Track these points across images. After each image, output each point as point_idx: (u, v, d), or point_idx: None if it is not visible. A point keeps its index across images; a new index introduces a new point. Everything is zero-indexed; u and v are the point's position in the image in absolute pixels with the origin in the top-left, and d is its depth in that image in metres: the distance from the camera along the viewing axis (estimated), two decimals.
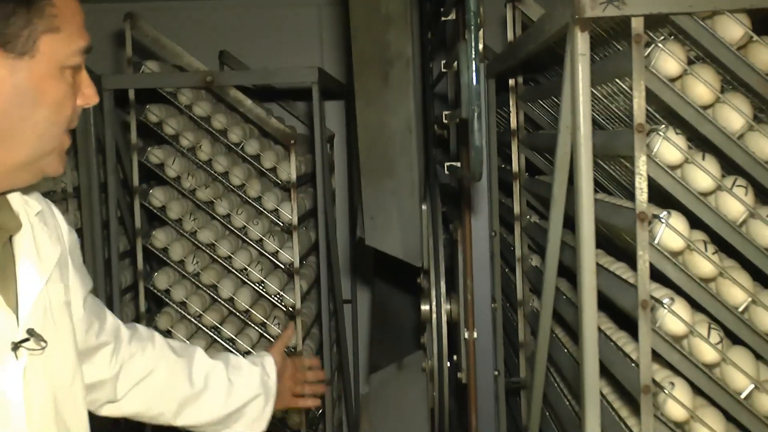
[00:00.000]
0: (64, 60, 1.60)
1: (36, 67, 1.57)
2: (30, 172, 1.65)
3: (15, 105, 1.56)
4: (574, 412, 2.74)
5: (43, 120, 1.60)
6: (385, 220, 3.54)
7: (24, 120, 1.58)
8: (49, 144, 1.64)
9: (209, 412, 2.28)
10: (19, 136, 1.58)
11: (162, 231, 4.25)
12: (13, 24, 1.53)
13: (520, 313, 3.72)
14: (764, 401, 1.96)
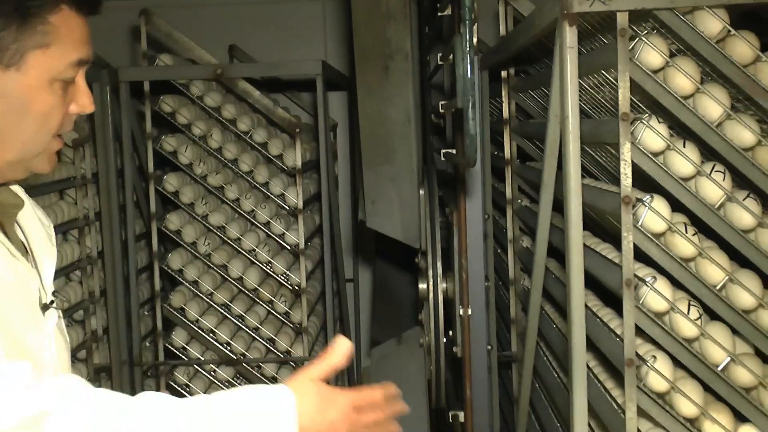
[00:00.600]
0: (53, 74, 1.59)
1: (23, 80, 1.57)
2: (18, 170, 1.66)
3: (3, 113, 1.57)
4: (562, 383, 2.74)
5: (29, 128, 1.60)
6: (386, 204, 3.54)
7: (11, 126, 1.58)
8: (35, 148, 1.63)
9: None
10: (6, 140, 1.59)
11: (175, 214, 4.26)
12: (1, 38, 1.53)
13: (511, 291, 3.73)
14: (740, 373, 1.97)
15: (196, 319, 4.21)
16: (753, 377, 1.96)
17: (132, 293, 4.14)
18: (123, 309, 4.08)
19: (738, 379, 1.97)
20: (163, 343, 4.22)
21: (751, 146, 1.98)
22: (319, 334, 4.52)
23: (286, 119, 4.29)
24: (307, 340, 4.21)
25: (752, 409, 1.97)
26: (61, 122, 1.65)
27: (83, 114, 1.69)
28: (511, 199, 3.69)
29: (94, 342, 3.91)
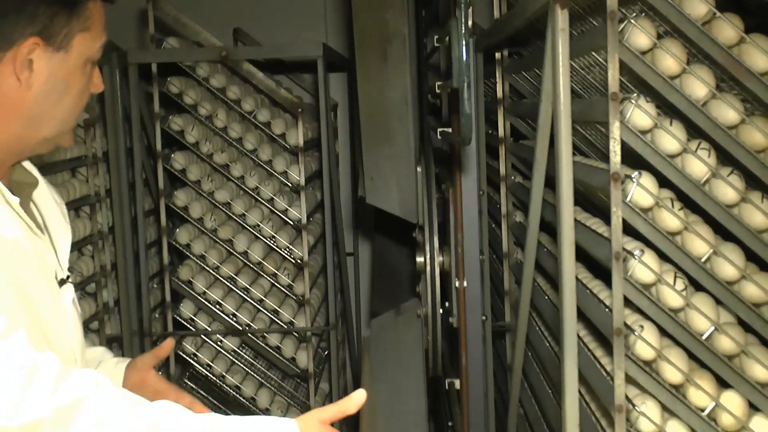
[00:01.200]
0: (90, 55, 1.67)
1: (69, 61, 1.64)
2: (48, 145, 1.72)
3: (48, 92, 1.64)
4: (554, 352, 2.75)
5: (68, 105, 1.68)
6: (384, 181, 3.54)
7: (54, 105, 1.65)
8: (68, 124, 1.71)
9: None
10: (47, 118, 1.66)
11: (183, 191, 4.25)
12: (56, 23, 1.60)
13: (505, 264, 3.73)
14: (723, 342, 1.97)
15: (203, 291, 4.22)
16: (735, 345, 1.97)
17: (142, 267, 4.15)
18: (133, 282, 4.09)
19: (721, 347, 1.98)
20: (171, 314, 4.23)
21: (735, 125, 1.98)
22: (321, 306, 4.53)
23: (288, 100, 4.28)
24: (309, 312, 4.22)
25: (734, 375, 1.98)
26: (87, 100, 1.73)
27: (95, 93, 1.76)
28: (504, 176, 3.69)
29: (106, 313, 3.92)
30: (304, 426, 1.56)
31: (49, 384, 1.42)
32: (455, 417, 3.37)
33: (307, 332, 4.22)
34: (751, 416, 1.97)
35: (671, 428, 1.97)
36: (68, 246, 1.78)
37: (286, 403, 4.33)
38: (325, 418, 1.60)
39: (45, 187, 1.82)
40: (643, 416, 1.97)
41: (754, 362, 1.96)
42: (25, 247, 1.62)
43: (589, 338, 2.41)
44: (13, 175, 1.74)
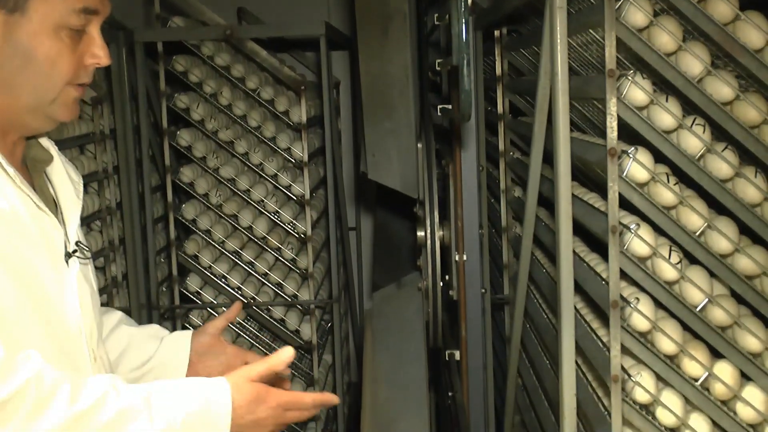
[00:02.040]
0: (57, 20, 1.57)
1: (27, 25, 1.56)
2: (38, 118, 1.64)
3: (9, 56, 1.56)
4: (551, 323, 2.76)
5: (36, 73, 1.59)
6: (386, 157, 3.53)
7: (18, 71, 1.57)
8: (46, 95, 1.61)
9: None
10: (17, 85, 1.58)
11: (188, 167, 4.25)
12: None
13: (504, 238, 3.73)
14: (717, 313, 1.97)
15: (209, 265, 4.22)
16: (728, 317, 1.97)
17: (149, 242, 4.15)
18: (141, 256, 4.09)
19: (715, 319, 1.98)
20: (178, 288, 4.24)
21: (730, 101, 1.97)
22: (324, 279, 4.53)
23: (291, 77, 4.27)
24: (313, 285, 4.23)
25: (727, 346, 1.98)
26: (75, 71, 1.62)
27: (100, 66, 1.66)
28: (503, 152, 3.68)
29: (115, 287, 3.93)
30: (234, 383, 1.56)
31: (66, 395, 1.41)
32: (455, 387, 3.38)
33: (311, 305, 4.22)
34: (743, 386, 1.98)
35: (665, 398, 1.98)
36: (76, 220, 1.76)
37: (290, 374, 4.34)
38: (254, 375, 1.59)
39: (60, 164, 1.80)
40: (639, 386, 1.98)
41: (747, 333, 1.96)
42: (25, 221, 1.60)
43: (585, 310, 2.42)
44: (30, 150, 1.73)
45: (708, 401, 1.97)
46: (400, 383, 3.08)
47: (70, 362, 1.66)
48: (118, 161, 3.99)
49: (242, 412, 1.56)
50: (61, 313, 1.66)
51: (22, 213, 1.60)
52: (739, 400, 1.96)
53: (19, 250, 1.58)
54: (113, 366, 1.94)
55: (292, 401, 1.63)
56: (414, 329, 3.44)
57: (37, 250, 1.62)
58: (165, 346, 2.00)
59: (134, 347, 2.00)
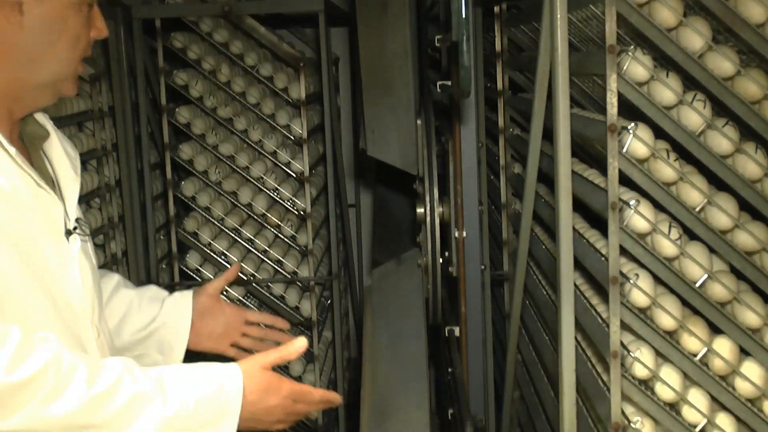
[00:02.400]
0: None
1: (59, 1, 1.61)
2: (49, 92, 1.68)
3: (41, 32, 1.61)
4: (551, 299, 2.76)
5: (63, 47, 1.64)
6: (385, 134, 3.52)
7: (49, 46, 1.62)
8: (66, 69, 1.67)
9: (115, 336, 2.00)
10: (42, 60, 1.63)
11: (187, 145, 4.24)
12: None
13: (504, 214, 3.73)
14: (716, 289, 1.98)
15: (208, 242, 4.22)
16: (728, 293, 1.97)
17: (148, 219, 4.15)
18: (140, 233, 4.09)
19: (714, 295, 1.98)
20: (178, 265, 4.24)
21: (731, 76, 1.96)
22: (324, 256, 4.54)
23: (290, 54, 4.25)
24: (313, 262, 4.23)
25: (726, 322, 1.98)
26: (89, 45, 1.69)
27: (99, 39, 1.72)
28: (503, 128, 3.68)
29: (114, 264, 3.93)
30: (247, 371, 1.60)
31: (7, 356, 1.41)
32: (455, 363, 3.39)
33: (311, 282, 4.23)
34: (742, 361, 1.98)
35: (665, 373, 1.98)
36: (75, 197, 1.76)
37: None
38: (267, 363, 1.63)
39: (57, 140, 1.80)
40: (638, 362, 1.98)
41: (746, 309, 1.97)
42: (25, 198, 1.61)
43: (585, 286, 2.42)
44: (26, 127, 1.73)
45: (707, 376, 1.98)
46: (400, 359, 3.08)
47: (74, 338, 1.67)
48: (116, 138, 3.98)
49: (253, 399, 1.59)
50: (65, 289, 1.67)
51: (23, 191, 1.61)
52: (738, 376, 1.97)
53: (22, 228, 1.59)
54: (116, 329, 1.98)
55: (302, 393, 1.67)
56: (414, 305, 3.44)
57: (39, 227, 1.63)
58: (167, 308, 2.04)
59: (136, 310, 2.03)
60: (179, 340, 2.04)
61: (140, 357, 2.02)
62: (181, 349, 2.04)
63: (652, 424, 2.01)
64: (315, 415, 4.25)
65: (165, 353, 2.03)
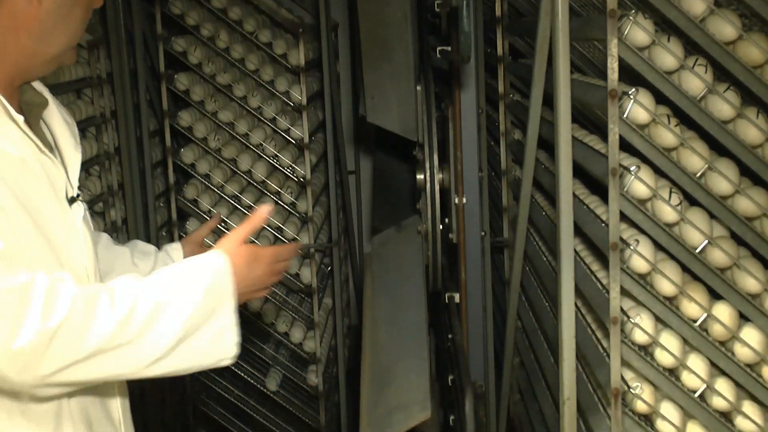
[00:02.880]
0: None
1: None
2: (55, 62, 1.71)
3: (59, 6, 1.63)
4: (551, 266, 2.76)
5: (76, 18, 1.68)
6: (384, 100, 3.50)
7: (64, 18, 1.65)
8: (75, 39, 1.71)
9: None
10: (58, 32, 1.65)
11: (186, 112, 4.23)
12: None
13: (504, 180, 3.72)
14: (716, 255, 1.98)
15: (208, 210, 4.22)
16: (728, 258, 1.97)
17: (148, 186, 4.14)
18: (140, 201, 4.09)
19: (714, 261, 1.98)
20: (178, 232, 4.24)
21: (733, 40, 1.95)
22: (324, 223, 4.53)
23: (289, 20, 4.22)
24: (312, 229, 4.23)
25: (726, 287, 1.99)
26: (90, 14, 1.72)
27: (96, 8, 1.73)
28: (503, 94, 3.66)
29: (114, 232, 3.93)
30: (229, 250, 1.69)
31: (40, 305, 1.47)
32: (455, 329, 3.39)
33: (311, 249, 4.23)
34: (741, 326, 1.99)
35: (664, 339, 1.99)
36: (78, 165, 1.77)
37: (291, 318, 4.37)
38: (242, 237, 1.73)
39: (55, 108, 1.81)
40: (638, 327, 1.99)
41: (746, 274, 1.97)
42: (32, 165, 1.62)
43: (585, 253, 2.42)
44: (24, 95, 1.73)
45: (706, 342, 1.99)
46: (400, 326, 3.09)
47: None
48: (115, 106, 3.96)
49: (243, 274, 1.69)
50: (69, 255, 1.69)
51: (29, 159, 1.62)
52: (738, 341, 1.97)
53: (29, 194, 1.60)
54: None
55: (280, 252, 1.81)
56: (414, 272, 3.45)
57: (45, 193, 1.64)
58: (160, 263, 2.11)
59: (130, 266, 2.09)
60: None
61: None
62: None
63: (652, 389, 2.01)
64: (316, 381, 4.27)
65: None
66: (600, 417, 2.13)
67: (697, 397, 1.98)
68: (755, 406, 1.99)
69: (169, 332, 1.57)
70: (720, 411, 1.99)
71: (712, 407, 1.98)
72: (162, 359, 1.58)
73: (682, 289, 1.98)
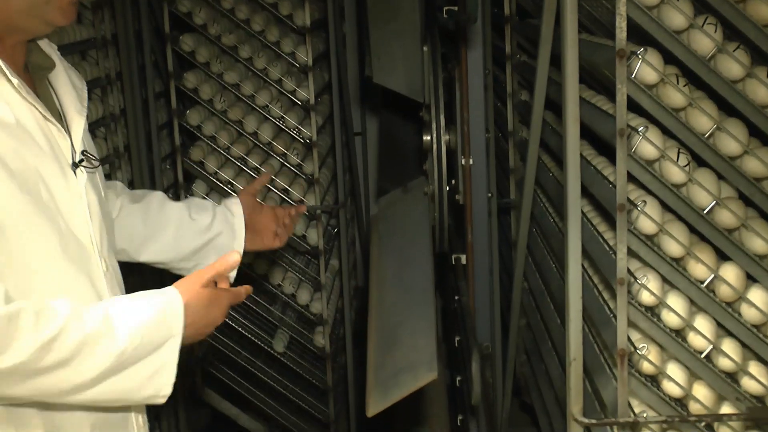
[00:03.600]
0: None
1: None
2: (34, 20, 1.64)
3: None
4: (558, 227, 2.76)
5: None
6: (391, 60, 3.48)
7: None
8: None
9: (171, 249, 2.17)
10: None
11: (192, 73, 4.21)
12: None
13: (510, 141, 3.71)
14: (724, 216, 1.97)
15: (214, 171, 4.21)
16: (736, 219, 1.96)
17: (154, 148, 4.14)
18: (146, 163, 4.08)
19: (722, 221, 1.97)
20: (185, 194, 4.24)
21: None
22: (330, 185, 4.53)
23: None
24: (319, 190, 4.22)
25: (734, 248, 1.98)
26: None
27: None
28: (510, 55, 3.63)
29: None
30: (188, 290, 1.65)
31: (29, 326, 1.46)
32: (461, 291, 3.40)
33: (317, 210, 4.23)
34: (748, 287, 1.98)
35: (671, 300, 1.99)
36: (80, 130, 1.75)
37: (298, 279, 4.38)
38: (205, 281, 1.69)
39: (63, 70, 1.78)
40: (644, 288, 1.99)
41: (754, 235, 1.96)
42: (31, 131, 1.59)
43: (592, 214, 2.41)
44: (31, 56, 1.71)
45: (713, 303, 1.98)
46: (407, 287, 3.10)
47: (83, 272, 1.68)
48: (120, 67, 3.94)
49: (196, 317, 1.65)
50: (72, 222, 1.67)
51: (29, 124, 1.59)
52: (744, 302, 1.97)
53: (27, 162, 1.58)
54: (173, 241, 2.14)
55: (238, 295, 1.79)
56: (420, 234, 3.45)
57: (45, 160, 1.62)
58: (220, 216, 2.21)
59: (188, 221, 2.19)
60: (236, 244, 2.21)
61: (198, 267, 2.10)
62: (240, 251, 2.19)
63: (658, 350, 2.01)
64: (322, 342, 4.29)
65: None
66: (606, 378, 2.13)
67: (704, 357, 1.98)
68: (761, 367, 1.99)
69: (97, 363, 1.53)
70: (726, 371, 1.99)
71: (718, 368, 1.99)
72: (88, 389, 1.55)
73: (690, 250, 1.97)
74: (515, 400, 3.66)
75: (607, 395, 2.11)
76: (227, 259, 1.73)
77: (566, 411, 2.11)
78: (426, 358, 2.48)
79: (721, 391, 1.99)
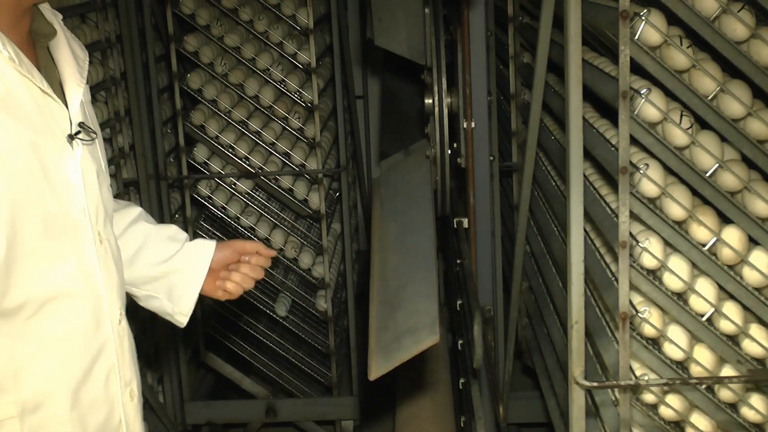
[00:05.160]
0: None
1: None
2: None
3: None
4: (560, 190, 2.75)
5: None
6: (392, 22, 3.46)
7: None
8: None
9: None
10: None
11: (193, 36, 4.18)
12: None
13: (512, 104, 3.69)
14: (726, 178, 1.96)
15: (215, 135, 4.20)
16: (739, 182, 1.96)
17: (155, 112, 4.12)
18: (147, 127, 4.07)
19: (724, 184, 1.97)
20: (185, 158, 4.23)
21: None
22: (332, 148, 4.52)
23: None
24: (320, 154, 4.22)
25: (736, 211, 1.98)
26: None
27: None
28: (512, 17, 3.61)
29: (122, 158, 3.92)
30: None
31: None
32: (463, 254, 3.40)
33: (319, 174, 4.22)
34: (750, 250, 1.98)
35: (673, 263, 1.99)
36: (77, 101, 1.72)
37: (300, 243, 4.38)
38: None
39: (64, 39, 1.75)
40: (646, 251, 1.98)
41: (756, 198, 1.96)
42: (24, 103, 1.57)
43: (594, 177, 2.41)
44: (33, 23, 1.69)
45: (715, 266, 1.98)
46: (409, 250, 3.10)
47: (72, 244, 1.66)
48: (120, 30, 3.92)
49: None
50: (64, 196, 1.65)
51: (22, 96, 1.57)
52: (746, 265, 1.97)
53: (18, 134, 1.55)
54: (130, 260, 1.97)
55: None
56: (422, 197, 3.45)
57: (38, 133, 1.59)
58: (186, 252, 2.02)
59: (152, 245, 2.02)
60: (191, 290, 2.02)
61: (148, 298, 2.03)
62: (191, 299, 2.02)
63: (660, 313, 2.02)
64: (324, 306, 4.30)
65: (174, 301, 2.02)
66: (608, 341, 2.14)
67: (705, 320, 1.99)
68: (762, 330, 2.00)
69: None
70: (727, 334, 1.99)
71: (720, 331, 1.99)
72: None
73: (692, 213, 1.97)
74: (517, 363, 3.68)
75: (608, 358, 2.11)
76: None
77: (568, 374, 2.11)
78: (428, 322, 2.48)
79: (722, 354, 2.00)
